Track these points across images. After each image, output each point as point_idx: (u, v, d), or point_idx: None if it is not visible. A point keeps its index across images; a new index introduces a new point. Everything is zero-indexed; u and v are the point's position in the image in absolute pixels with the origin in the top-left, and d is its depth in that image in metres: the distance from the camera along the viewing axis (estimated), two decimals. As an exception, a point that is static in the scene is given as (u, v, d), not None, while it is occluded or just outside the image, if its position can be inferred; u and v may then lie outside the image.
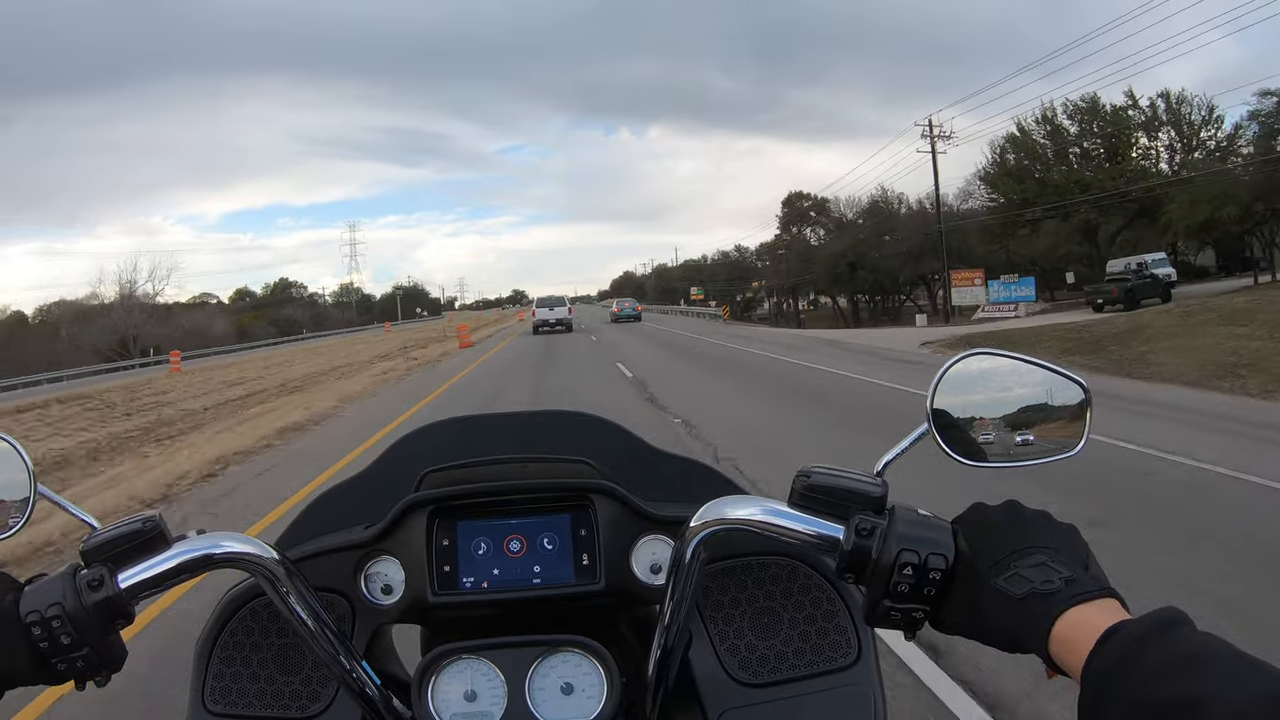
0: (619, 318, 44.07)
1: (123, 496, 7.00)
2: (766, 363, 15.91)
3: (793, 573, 0.87)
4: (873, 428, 7.62)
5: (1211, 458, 5.77)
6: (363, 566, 0.86)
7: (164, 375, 28.49)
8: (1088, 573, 0.57)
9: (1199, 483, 5.23)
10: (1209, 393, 9.18)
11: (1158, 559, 3.76)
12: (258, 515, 5.72)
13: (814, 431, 8.02)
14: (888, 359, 15.32)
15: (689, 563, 0.71)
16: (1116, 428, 6.74)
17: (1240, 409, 8.05)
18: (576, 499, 0.86)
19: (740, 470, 6.05)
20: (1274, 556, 3.79)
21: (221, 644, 0.85)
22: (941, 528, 0.62)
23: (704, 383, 12.92)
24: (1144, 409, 8.16)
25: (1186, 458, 5.83)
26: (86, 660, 0.65)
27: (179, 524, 0.88)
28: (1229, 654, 0.46)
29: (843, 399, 10.14)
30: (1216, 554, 3.85)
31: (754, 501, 0.68)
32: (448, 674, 0.77)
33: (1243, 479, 5.19)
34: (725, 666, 0.84)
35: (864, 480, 0.65)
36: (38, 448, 12.36)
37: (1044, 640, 0.53)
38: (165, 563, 0.68)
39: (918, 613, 0.61)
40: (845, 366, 13.93)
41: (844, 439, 7.45)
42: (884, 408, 8.99)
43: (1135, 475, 5.43)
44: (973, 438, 0.69)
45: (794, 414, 9.18)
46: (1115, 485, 5.10)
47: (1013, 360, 0.70)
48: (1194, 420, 7.51)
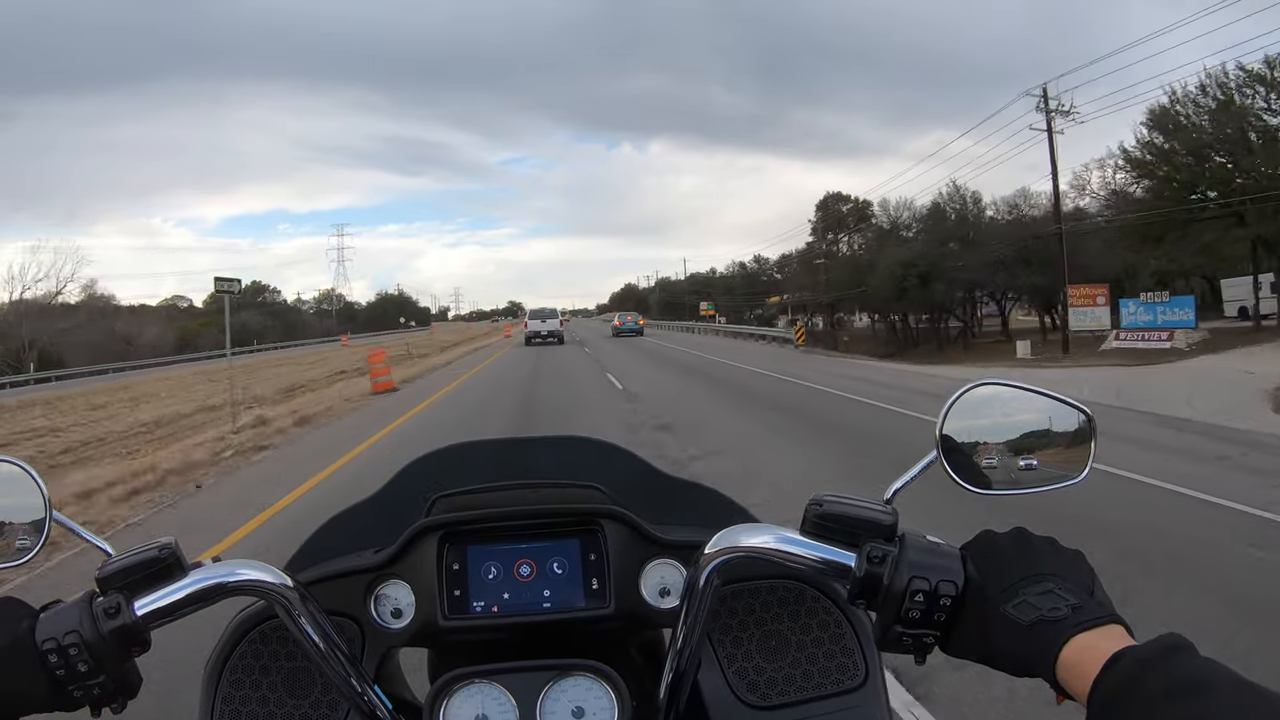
0: (620, 331, 43.72)
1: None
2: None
3: (800, 596, 0.88)
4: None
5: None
6: (373, 590, 0.86)
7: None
8: (1093, 599, 0.58)
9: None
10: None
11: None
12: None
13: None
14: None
15: (702, 589, 0.72)
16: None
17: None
18: (586, 523, 0.87)
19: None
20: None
21: (231, 667, 0.85)
22: (951, 555, 0.63)
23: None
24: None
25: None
26: (103, 688, 0.65)
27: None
28: (1232, 680, 0.47)
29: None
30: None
31: (767, 530, 0.69)
32: (459, 698, 0.78)
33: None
34: (733, 689, 0.85)
35: (875, 509, 0.66)
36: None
37: (1051, 666, 0.55)
38: (181, 590, 0.68)
39: (928, 638, 0.62)
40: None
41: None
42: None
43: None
44: (977, 463, 0.71)
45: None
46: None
47: (1018, 391, 0.72)
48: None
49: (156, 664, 1.89)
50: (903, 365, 21.79)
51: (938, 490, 0.80)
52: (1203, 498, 5.38)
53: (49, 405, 23.59)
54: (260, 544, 5.02)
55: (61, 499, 8.06)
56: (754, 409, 10.92)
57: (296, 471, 7.64)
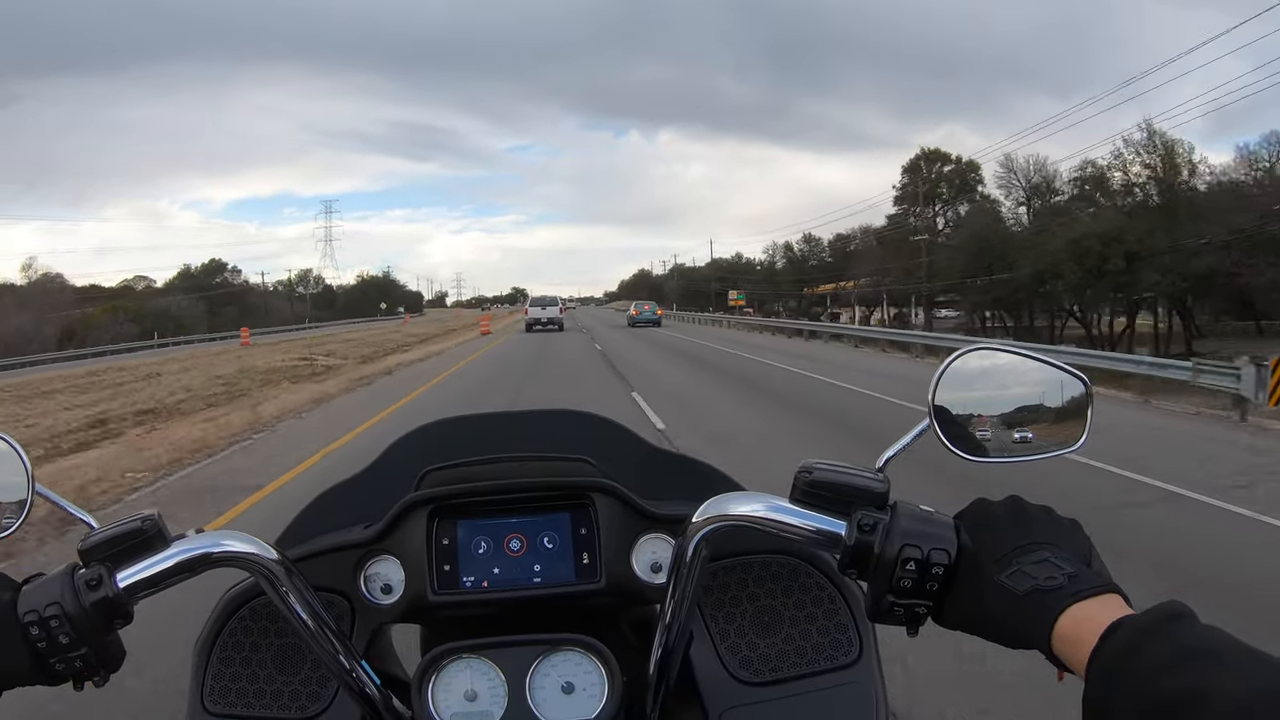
0: (637, 321, 39.34)
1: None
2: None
3: (793, 571, 0.87)
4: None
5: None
6: (362, 566, 0.85)
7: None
8: (1090, 568, 0.57)
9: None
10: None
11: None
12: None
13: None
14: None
15: (690, 560, 0.71)
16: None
17: None
18: (577, 498, 0.86)
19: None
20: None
21: (221, 644, 0.85)
22: (944, 523, 0.62)
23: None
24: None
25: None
26: (85, 660, 0.64)
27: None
28: (1234, 647, 0.46)
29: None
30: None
31: (756, 498, 0.68)
32: (448, 673, 0.77)
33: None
34: (726, 665, 0.84)
35: (866, 476, 0.65)
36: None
37: (1047, 637, 0.54)
38: (164, 562, 0.67)
39: (920, 608, 0.61)
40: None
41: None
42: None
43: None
44: (972, 433, 0.69)
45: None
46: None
47: (1012, 356, 0.70)
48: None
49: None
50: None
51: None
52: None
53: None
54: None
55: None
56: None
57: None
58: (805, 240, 59.49)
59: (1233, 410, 9.57)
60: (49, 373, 24.60)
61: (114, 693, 0.71)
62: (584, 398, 11.34)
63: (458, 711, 0.76)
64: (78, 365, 27.75)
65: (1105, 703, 0.48)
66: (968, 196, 39.30)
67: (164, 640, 2.99)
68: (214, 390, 15.01)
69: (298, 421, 10.65)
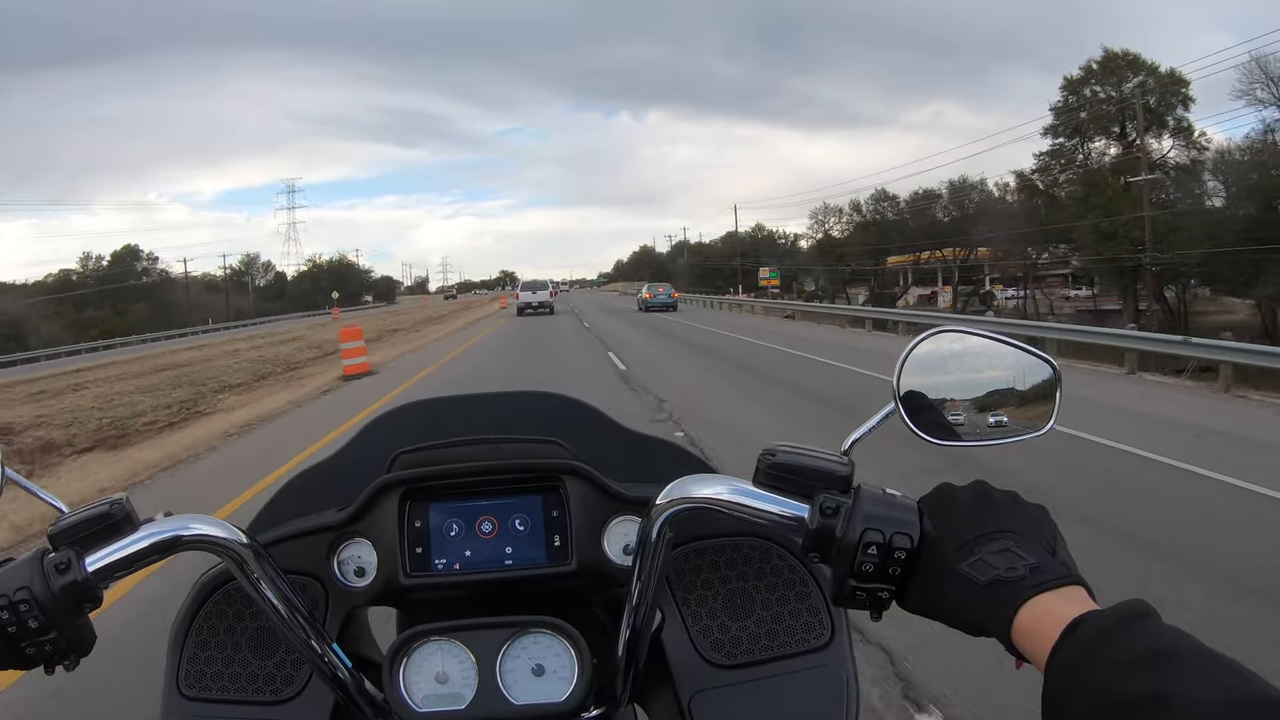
0: (650, 306, 34.12)
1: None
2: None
3: (765, 554, 0.87)
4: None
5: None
6: (335, 549, 0.86)
7: None
8: (1055, 558, 0.56)
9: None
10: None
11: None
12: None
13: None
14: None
15: (655, 542, 0.71)
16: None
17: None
18: (548, 480, 0.86)
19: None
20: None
21: (196, 629, 0.85)
22: (907, 507, 0.61)
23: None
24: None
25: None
26: (55, 644, 0.64)
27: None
28: (1197, 651, 0.45)
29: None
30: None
31: (719, 480, 0.68)
32: (418, 656, 0.77)
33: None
34: (698, 648, 0.84)
35: (830, 459, 0.65)
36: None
37: (1007, 629, 0.53)
38: (132, 545, 0.68)
39: (883, 593, 0.61)
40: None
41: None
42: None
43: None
44: (944, 418, 0.69)
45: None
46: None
47: (984, 340, 0.70)
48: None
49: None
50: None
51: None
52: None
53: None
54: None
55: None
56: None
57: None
58: (878, 200, 44.28)
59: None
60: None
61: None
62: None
63: (429, 694, 0.76)
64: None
65: (1064, 702, 0.47)
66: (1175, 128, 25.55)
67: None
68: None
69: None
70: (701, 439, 6.91)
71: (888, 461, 5.02)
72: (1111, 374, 11.53)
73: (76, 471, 7.81)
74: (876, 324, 21.97)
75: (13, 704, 2.90)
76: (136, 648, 2.94)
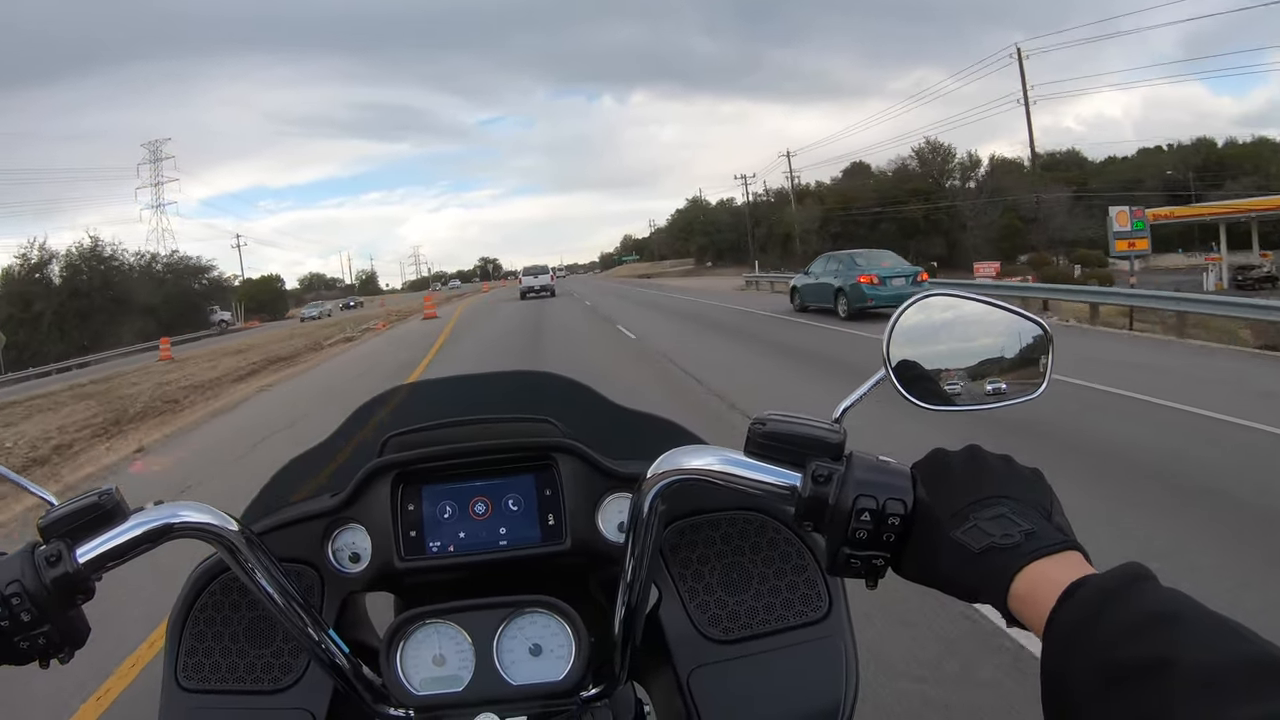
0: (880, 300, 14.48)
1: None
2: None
3: (761, 528, 0.86)
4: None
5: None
6: (329, 535, 0.85)
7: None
8: (1050, 523, 0.56)
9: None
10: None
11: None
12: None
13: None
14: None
15: (647, 516, 0.71)
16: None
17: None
18: (540, 459, 0.85)
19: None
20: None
21: (193, 619, 0.85)
22: (900, 473, 0.61)
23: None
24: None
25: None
26: (48, 638, 0.64)
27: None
28: (1198, 613, 0.45)
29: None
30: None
31: (710, 451, 0.67)
32: (415, 639, 0.77)
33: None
34: (696, 624, 0.84)
35: (821, 426, 0.64)
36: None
37: (1003, 596, 0.53)
38: (123, 535, 0.67)
39: (878, 560, 0.60)
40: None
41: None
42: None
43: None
44: (940, 386, 0.69)
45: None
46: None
47: (975, 305, 0.69)
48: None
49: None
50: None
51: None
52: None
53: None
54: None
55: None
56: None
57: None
58: (929, 149, 35.44)
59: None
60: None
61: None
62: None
63: (427, 677, 0.76)
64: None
65: (1065, 667, 0.47)
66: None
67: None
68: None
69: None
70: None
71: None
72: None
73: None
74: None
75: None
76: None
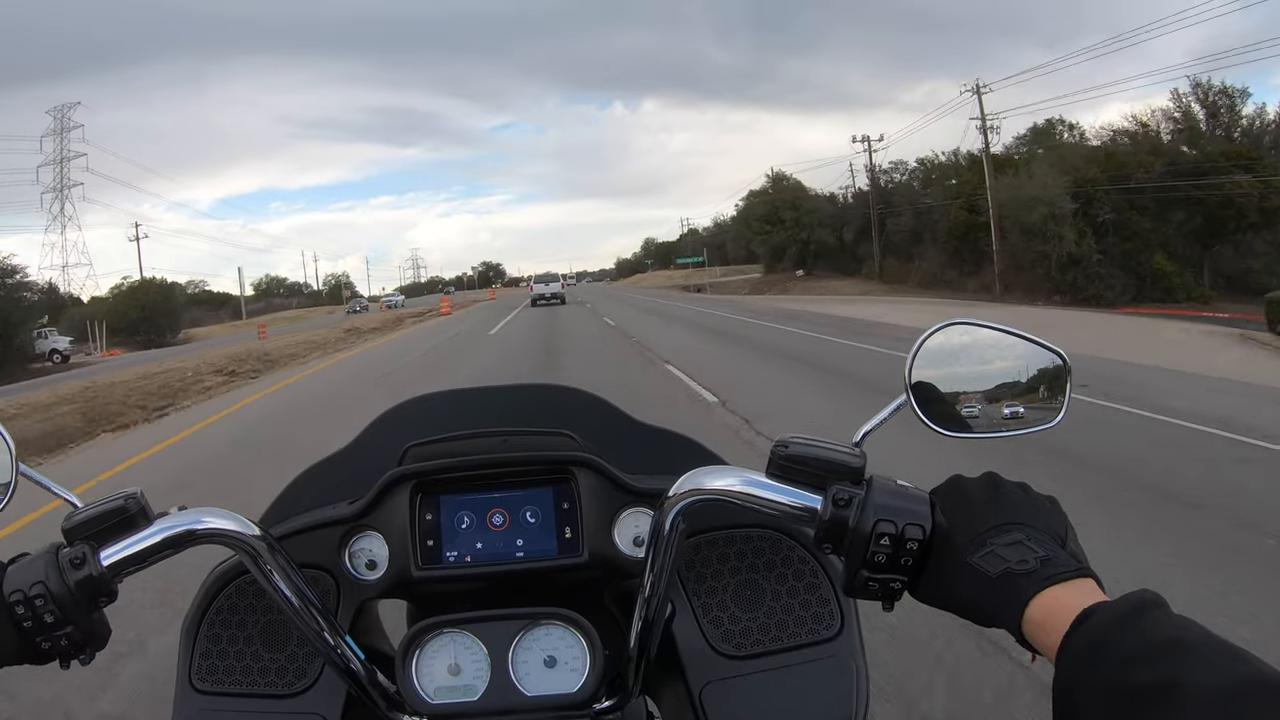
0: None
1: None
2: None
3: (775, 545, 0.87)
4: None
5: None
6: (347, 542, 0.86)
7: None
8: (1065, 550, 0.57)
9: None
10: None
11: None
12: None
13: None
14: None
15: (668, 534, 0.71)
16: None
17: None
18: (559, 472, 0.86)
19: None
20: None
21: (208, 621, 0.86)
22: (919, 498, 0.62)
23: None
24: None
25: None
26: (70, 639, 0.65)
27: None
28: (1207, 639, 0.46)
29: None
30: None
31: (732, 472, 0.68)
32: (431, 648, 0.78)
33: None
34: (708, 638, 0.84)
35: (842, 450, 0.65)
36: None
37: (1018, 621, 0.54)
38: (147, 539, 0.68)
39: (895, 583, 0.61)
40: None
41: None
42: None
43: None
44: (957, 411, 0.69)
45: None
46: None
47: (993, 332, 0.70)
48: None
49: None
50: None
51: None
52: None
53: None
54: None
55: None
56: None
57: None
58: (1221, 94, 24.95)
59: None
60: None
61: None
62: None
63: (441, 685, 0.77)
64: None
65: (1076, 691, 0.48)
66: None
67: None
68: None
69: None
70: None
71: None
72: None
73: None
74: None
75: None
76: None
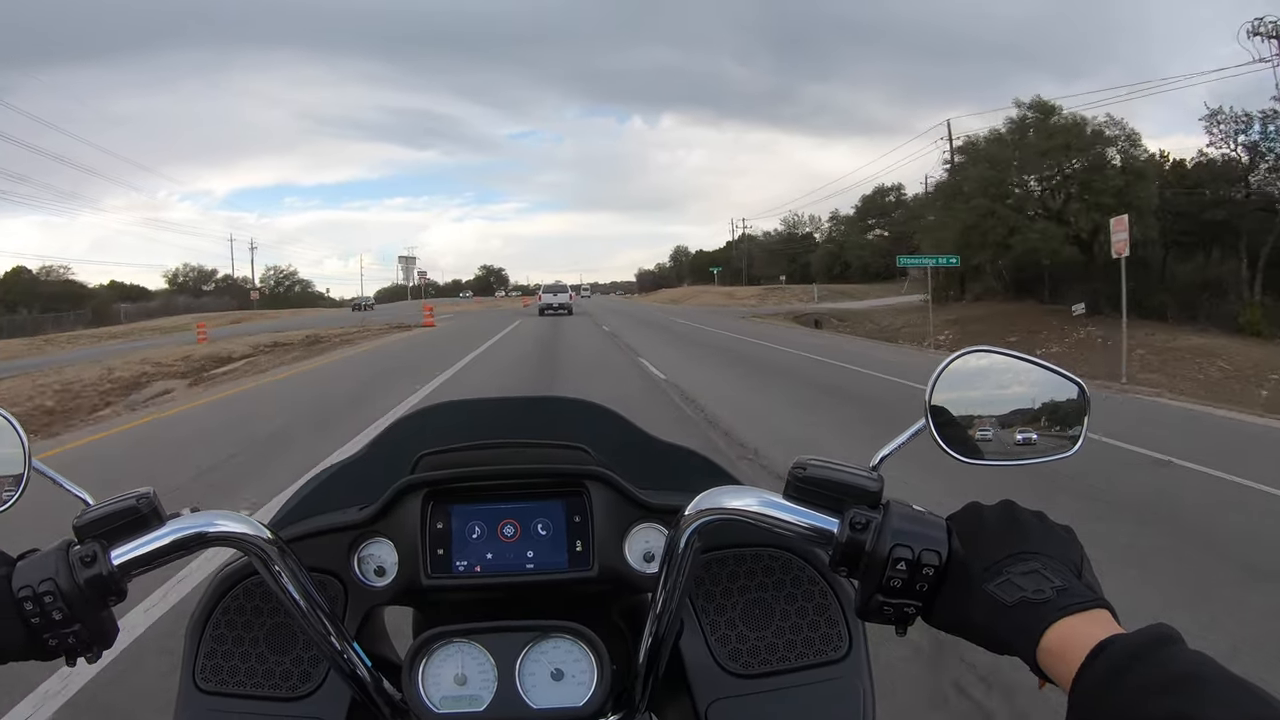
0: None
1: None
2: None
3: (785, 564, 0.87)
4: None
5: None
6: (356, 548, 0.86)
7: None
8: (1080, 580, 0.57)
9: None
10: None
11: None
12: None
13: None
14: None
15: (682, 552, 0.71)
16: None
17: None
18: (571, 485, 0.86)
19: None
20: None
21: (214, 622, 0.85)
22: (936, 524, 0.62)
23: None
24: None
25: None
26: (78, 636, 0.65)
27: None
28: (1221, 676, 0.46)
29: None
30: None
31: (749, 492, 0.68)
32: (438, 657, 0.77)
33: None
34: (716, 656, 0.84)
35: (860, 474, 0.65)
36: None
37: (1033, 650, 0.54)
38: (158, 540, 0.68)
39: (909, 608, 0.61)
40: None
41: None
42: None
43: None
44: (971, 435, 0.69)
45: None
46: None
47: (1008, 359, 0.70)
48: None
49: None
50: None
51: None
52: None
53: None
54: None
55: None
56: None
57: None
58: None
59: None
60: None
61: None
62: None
63: (447, 695, 0.76)
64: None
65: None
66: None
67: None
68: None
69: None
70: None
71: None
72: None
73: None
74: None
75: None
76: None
